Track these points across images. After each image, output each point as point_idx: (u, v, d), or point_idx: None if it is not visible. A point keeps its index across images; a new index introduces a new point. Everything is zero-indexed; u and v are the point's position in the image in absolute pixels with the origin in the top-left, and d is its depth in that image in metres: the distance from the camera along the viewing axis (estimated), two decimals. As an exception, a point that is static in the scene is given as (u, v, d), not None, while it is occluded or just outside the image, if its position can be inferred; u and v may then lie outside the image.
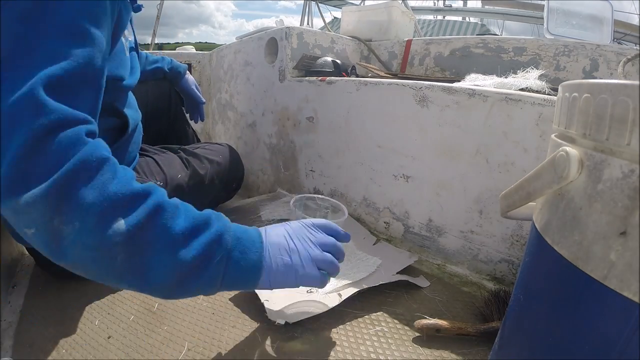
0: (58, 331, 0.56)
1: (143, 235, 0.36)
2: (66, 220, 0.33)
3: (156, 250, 0.37)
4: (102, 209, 0.34)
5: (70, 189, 0.33)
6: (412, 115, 0.80)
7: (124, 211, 0.36)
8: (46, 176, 0.33)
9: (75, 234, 0.34)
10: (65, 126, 0.35)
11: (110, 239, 0.34)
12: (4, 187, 0.32)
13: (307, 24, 8.10)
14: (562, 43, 0.94)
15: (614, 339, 0.23)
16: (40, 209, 0.33)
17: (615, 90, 0.23)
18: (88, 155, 0.35)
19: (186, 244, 0.38)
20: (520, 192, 0.33)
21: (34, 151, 0.33)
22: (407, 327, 0.59)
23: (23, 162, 0.32)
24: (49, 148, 0.33)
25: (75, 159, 0.34)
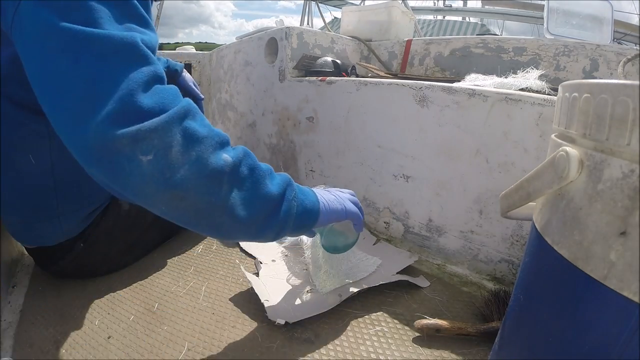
0: (58, 331, 0.56)
1: (242, 169, 0.43)
2: (186, 149, 0.37)
3: (253, 182, 0.43)
4: (214, 142, 0.40)
5: (187, 122, 0.38)
6: (412, 115, 0.80)
7: (227, 147, 0.42)
8: (166, 109, 0.37)
9: (192, 162, 0.38)
10: (162, 80, 0.40)
11: (222, 168, 0.40)
12: (125, 116, 0.35)
13: (307, 24, 8.10)
14: (562, 43, 0.94)
15: (614, 339, 0.23)
16: (163, 135, 0.36)
17: (615, 90, 0.23)
18: (189, 102, 0.40)
19: (271, 181, 0.46)
20: (520, 192, 0.33)
21: (150, 88, 0.37)
22: (407, 327, 0.59)
23: (142, 96, 0.36)
24: (161, 90, 0.38)
25: (184, 101, 0.39)
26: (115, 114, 0.34)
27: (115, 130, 0.34)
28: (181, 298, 0.65)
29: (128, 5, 0.40)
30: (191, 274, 0.72)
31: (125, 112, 0.35)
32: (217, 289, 0.68)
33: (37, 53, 0.37)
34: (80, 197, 0.62)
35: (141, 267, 0.74)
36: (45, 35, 0.36)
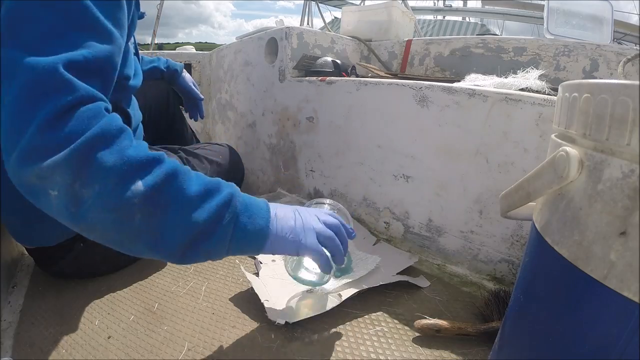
0: (58, 331, 0.56)
1: (160, 197, 0.39)
2: (87, 183, 0.36)
3: (172, 210, 0.39)
4: (122, 172, 0.37)
5: (91, 154, 0.36)
6: (412, 115, 0.80)
7: (142, 173, 0.38)
8: (69, 143, 0.35)
9: (95, 196, 0.36)
10: (87, 102, 0.38)
11: (129, 199, 0.37)
12: (30, 154, 0.35)
13: (307, 24, 8.09)
14: (562, 43, 0.94)
15: (614, 339, 0.23)
16: (62, 172, 0.35)
17: (615, 90, 0.23)
18: (108, 124, 0.38)
19: (199, 205, 0.41)
20: (520, 192, 0.33)
21: (58, 122, 0.35)
22: (407, 327, 0.59)
23: (48, 131, 0.35)
24: (72, 119, 0.36)
25: (96, 127, 0.37)
26: (23, 152, 0.35)
27: (24, 168, 0.35)
28: (181, 298, 0.65)
29: (76, 13, 0.39)
30: (191, 274, 0.72)
31: (30, 150, 0.35)
32: (217, 289, 0.68)
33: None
34: None
35: (141, 267, 0.74)
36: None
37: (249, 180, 1.33)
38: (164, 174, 0.40)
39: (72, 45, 0.38)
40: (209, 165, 0.86)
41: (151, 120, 0.96)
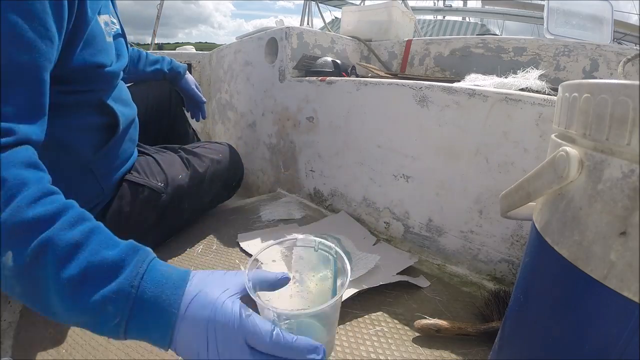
0: (58, 331, 0.56)
1: (30, 275, 0.33)
2: None
3: (46, 291, 0.33)
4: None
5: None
6: (412, 115, 0.80)
7: (12, 245, 0.33)
8: None
9: None
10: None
11: (2, 271, 0.33)
12: None
13: (307, 24, 8.10)
14: (562, 43, 0.94)
15: (614, 339, 0.23)
16: None
17: (615, 90, 0.23)
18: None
19: (75, 294, 0.33)
20: (520, 192, 0.33)
21: None
22: (407, 327, 0.59)
23: None
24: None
25: None
26: None
27: None
28: (181, 298, 0.65)
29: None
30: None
31: None
32: (217, 289, 0.68)
33: None
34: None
35: (141, 267, 0.74)
36: None
37: (249, 180, 1.33)
38: (37, 246, 0.33)
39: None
40: (209, 163, 0.86)
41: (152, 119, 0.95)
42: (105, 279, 0.34)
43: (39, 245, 0.33)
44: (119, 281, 0.34)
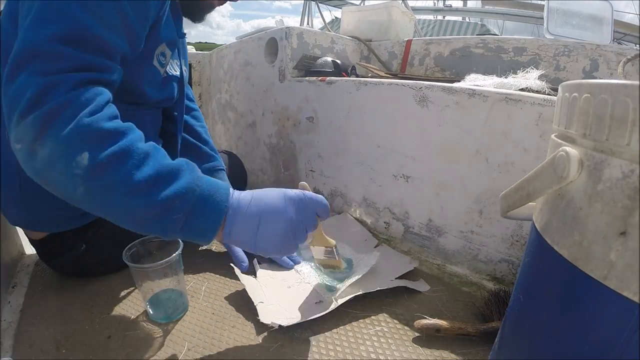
0: (58, 331, 0.56)
1: (103, 176, 0.39)
2: (43, 144, 0.38)
3: (115, 193, 0.39)
4: (70, 140, 0.38)
5: (53, 119, 0.38)
6: (412, 115, 0.80)
7: (91, 146, 0.39)
8: (42, 106, 0.38)
9: (48, 157, 0.38)
10: (73, 70, 0.40)
11: (72, 169, 0.38)
12: (11, 111, 0.39)
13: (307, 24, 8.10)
14: (562, 43, 0.94)
15: (614, 339, 0.23)
16: (28, 130, 0.38)
17: (615, 90, 0.23)
18: (78, 94, 0.39)
19: (147, 193, 0.40)
20: (520, 192, 0.33)
21: (39, 82, 0.38)
22: (407, 327, 0.59)
23: (27, 90, 0.38)
24: (52, 85, 0.38)
25: (66, 95, 0.39)
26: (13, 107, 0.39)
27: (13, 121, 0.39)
28: (181, 298, 0.65)
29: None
30: (191, 274, 0.72)
31: (12, 107, 0.39)
32: (217, 289, 0.68)
33: None
34: None
35: (141, 267, 0.74)
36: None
37: (249, 180, 1.33)
38: (113, 152, 0.39)
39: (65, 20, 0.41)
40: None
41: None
42: (173, 180, 0.42)
43: (116, 151, 0.39)
44: (185, 181, 0.42)
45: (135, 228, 0.43)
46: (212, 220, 0.44)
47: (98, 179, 0.39)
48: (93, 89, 0.41)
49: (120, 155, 0.39)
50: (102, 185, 0.39)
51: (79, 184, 0.39)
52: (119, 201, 0.40)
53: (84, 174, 0.38)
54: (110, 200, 0.40)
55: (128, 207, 0.40)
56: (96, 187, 0.39)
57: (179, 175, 0.42)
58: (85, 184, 0.39)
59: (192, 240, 0.45)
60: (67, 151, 0.38)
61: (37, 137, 0.38)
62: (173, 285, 0.59)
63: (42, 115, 0.38)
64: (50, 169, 0.39)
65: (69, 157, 0.38)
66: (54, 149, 0.38)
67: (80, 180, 0.38)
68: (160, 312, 0.59)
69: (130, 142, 0.41)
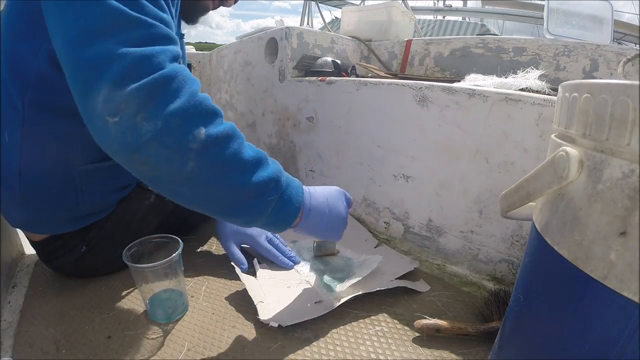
0: (58, 331, 0.56)
1: (217, 151, 0.40)
2: (149, 117, 0.36)
3: (225, 168, 0.41)
4: (188, 114, 0.38)
5: (162, 92, 0.37)
6: (412, 115, 0.80)
7: (207, 122, 0.39)
8: (144, 76, 0.36)
9: (156, 131, 0.36)
10: (165, 41, 0.39)
11: (188, 142, 0.38)
12: (100, 79, 0.36)
13: (307, 24, 8.10)
14: (562, 43, 0.94)
15: (614, 339, 0.23)
16: (129, 101, 0.36)
17: (615, 90, 0.23)
18: (181, 69, 0.39)
19: (252, 171, 0.43)
20: (520, 192, 0.33)
21: (131, 53, 0.36)
22: (407, 327, 0.59)
23: (121, 59, 0.36)
24: (147, 52, 0.37)
25: (171, 68, 0.38)
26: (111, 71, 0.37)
27: (105, 85, 0.36)
28: (181, 298, 0.65)
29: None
30: (191, 274, 0.72)
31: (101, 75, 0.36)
32: (217, 289, 0.68)
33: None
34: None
35: (141, 267, 0.74)
36: None
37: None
38: (225, 130, 0.40)
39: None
40: None
41: None
42: (267, 164, 0.45)
43: (228, 129, 0.41)
44: (274, 167, 0.46)
45: (227, 210, 0.44)
46: (296, 205, 0.49)
47: (212, 153, 0.39)
48: (183, 66, 0.40)
49: (232, 134, 0.41)
50: (215, 161, 0.40)
51: (192, 157, 0.38)
52: (229, 177, 0.41)
53: (199, 147, 0.38)
54: (220, 177, 0.40)
55: (236, 184, 0.41)
56: (209, 162, 0.39)
57: (268, 160, 0.46)
58: (199, 159, 0.38)
59: (270, 227, 0.49)
60: (184, 124, 0.37)
61: (140, 110, 0.36)
62: (173, 285, 0.59)
63: (147, 86, 0.36)
64: (158, 144, 0.37)
65: (185, 130, 0.37)
66: (168, 122, 0.36)
67: (194, 154, 0.38)
68: (160, 312, 0.59)
69: (232, 125, 0.42)
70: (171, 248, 0.58)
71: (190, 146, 0.38)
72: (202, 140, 0.38)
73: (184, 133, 0.37)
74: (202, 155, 0.39)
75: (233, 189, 0.42)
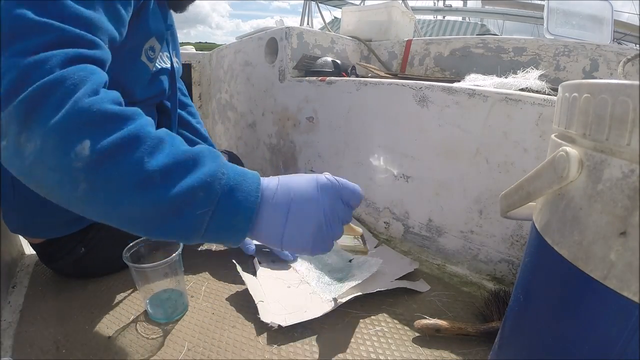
0: (58, 331, 0.56)
1: (110, 167, 0.32)
2: (30, 136, 0.31)
3: (124, 185, 0.33)
4: (67, 127, 0.31)
5: (40, 103, 0.31)
6: (412, 115, 0.80)
7: (94, 133, 0.32)
8: (24, 89, 0.31)
9: (37, 152, 0.31)
10: (63, 44, 0.33)
11: (70, 162, 0.31)
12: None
13: (307, 24, 8.10)
14: (562, 43, 0.94)
15: (614, 339, 0.23)
16: (10, 121, 0.31)
17: (615, 90, 0.23)
18: (73, 71, 0.33)
19: (163, 184, 0.33)
20: (520, 192, 0.33)
21: (20, 63, 0.31)
22: (407, 327, 0.59)
23: (8, 73, 0.31)
24: (41, 62, 0.32)
25: (60, 73, 0.32)
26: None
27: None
28: (181, 298, 0.65)
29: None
30: (191, 274, 0.72)
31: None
32: (217, 289, 0.68)
33: None
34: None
35: (141, 267, 0.74)
36: None
37: (249, 180, 1.33)
38: (121, 138, 0.32)
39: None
40: None
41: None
42: (193, 168, 0.35)
43: (124, 136, 0.32)
44: (209, 168, 0.35)
45: (150, 231, 0.36)
46: (244, 213, 0.37)
47: (103, 171, 0.32)
48: (84, 67, 0.34)
49: (130, 142, 0.33)
50: (108, 179, 0.32)
51: (80, 179, 0.32)
52: (130, 196, 0.33)
53: (86, 166, 0.31)
54: (119, 197, 0.33)
55: (141, 203, 0.33)
56: (101, 181, 0.32)
57: (200, 162, 0.36)
58: (88, 179, 0.32)
59: (219, 242, 0.39)
60: (62, 141, 0.31)
61: (22, 129, 0.31)
62: (173, 285, 0.59)
63: (26, 100, 0.30)
64: (42, 166, 0.32)
65: (65, 148, 0.31)
66: (46, 141, 0.31)
67: (82, 174, 0.32)
68: (160, 312, 0.59)
69: (139, 126, 0.34)
70: (171, 248, 0.58)
71: (75, 165, 0.31)
72: (87, 156, 0.31)
73: (63, 151, 0.31)
74: (91, 174, 0.32)
75: (141, 208, 0.34)
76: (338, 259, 0.76)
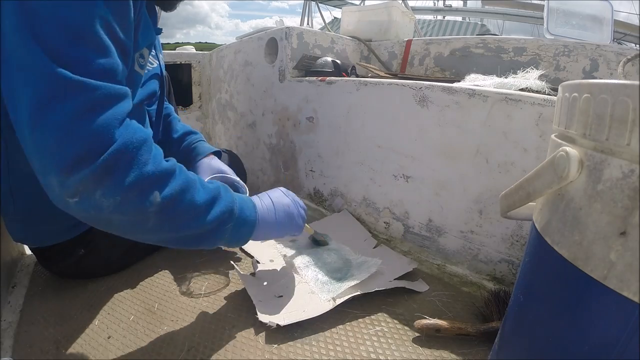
0: (58, 331, 0.56)
1: (174, 206, 0.44)
2: (108, 194, 0.39)
3: (185, 218, 0.46)
4: (142, 186, 0.41)
5: (115, 169, 0.39)
6: (412, 115, 0.80)
7: (159, 186, 0.43)
8: (95, 157, 0.37)
9: (116, 205, 0.40)
10: (108, 104, 0.39)
11: (147, 209, 0.42)
12: (54, 166, 0.37)
13: (307, 24, 8.10)
14: (562, 43, 0.94)
15: (614, 339, 0.23)
16: (87, 184, 0.38)
17: (615, 90, 0.23)
18: (130, 138, 0.40)
19: (208, 212, 0.48)
20: (520, 192, 0.33)
21: (79, 129, 0.37)
22: (407, 327, 0.59)
23: (71, 139, 0.36)
24: (94, 128, 0.37)
25: (120, 143, 0.39)
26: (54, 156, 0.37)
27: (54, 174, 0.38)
28: (181, 298, 0.65)
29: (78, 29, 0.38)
30: (191, 274, 0.72)
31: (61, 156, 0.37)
32: (217, 289, 0.68)
33: None
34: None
35: (141, 267, 0.74)
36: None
37: (249, 181, 1.32)
38: (178, 187, 0.45)
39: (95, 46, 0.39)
40: None
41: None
42: (219, 198, 0.50)
43: (181, 184, 0.45)
44: (227, 198, 0.52)
45: (192, 243, 0.50)
46: (251, 223, 0.55)
47: (169, 210, 0.44)
48: (132, 125, 0.41)
49: (185, 187, 0.45)
50: (172, 215, 0.44)
51: (151, 218, 0.43)
52: (187, 224, 0.46)
53: (158, 209, 0.42)
54: (179, 226, 0.46)
55: (195, 226, 0.47)
56: (167, 217, 0.44)
57: (220, 194, 0.51)
58: (158, 217, 0.43)
59: (231, 245, 0.56)
60: (140, 195, 0.41)
61: (98, 187, 0.38)
62: None
63: (101, 167, 0.37)
64: (119, 214, 0.41)
65: (142, 199, 0.41)
66: (126, 196, 0.40)
67: (153, 215, 0.42)
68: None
69: (184, 175, 0.47)
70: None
71: (149, 210, 0.42)
72: (158, 203, 0.42)
73: (141, 202, 0.41)
74: (160, 214, 0.43)
75: (192, 231, 0.47)
76: (337, 259, 0.76)
